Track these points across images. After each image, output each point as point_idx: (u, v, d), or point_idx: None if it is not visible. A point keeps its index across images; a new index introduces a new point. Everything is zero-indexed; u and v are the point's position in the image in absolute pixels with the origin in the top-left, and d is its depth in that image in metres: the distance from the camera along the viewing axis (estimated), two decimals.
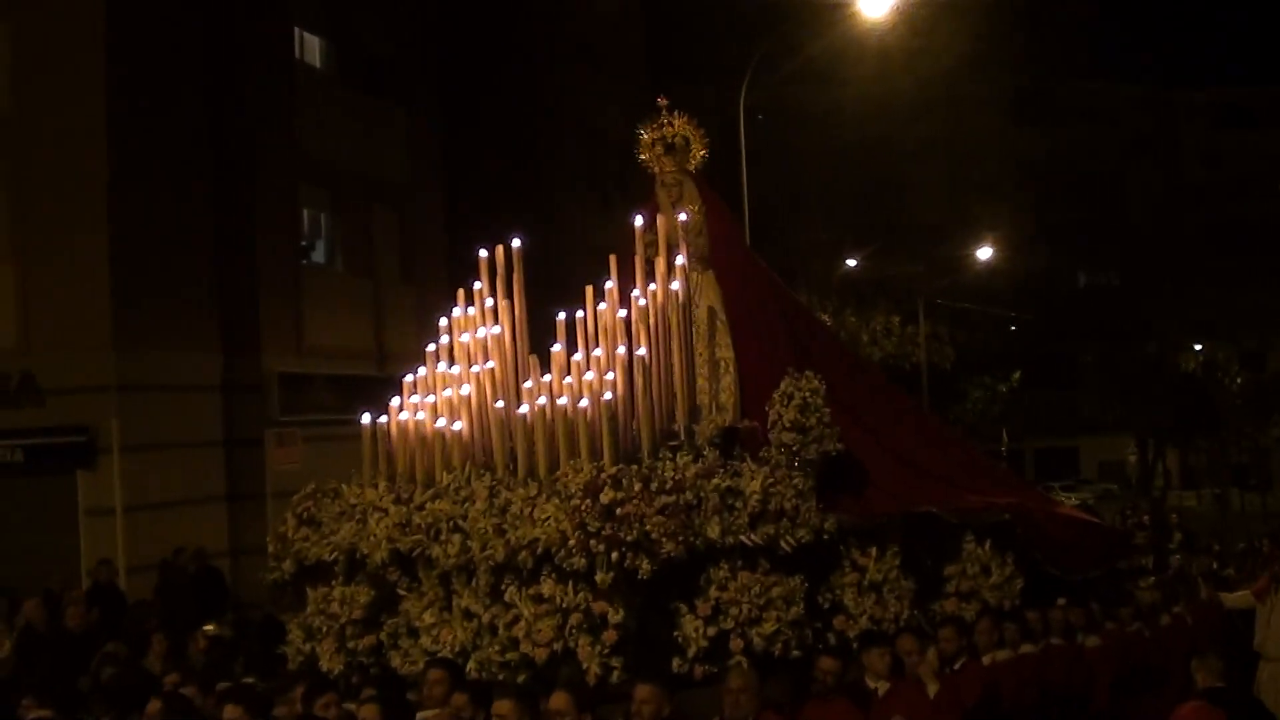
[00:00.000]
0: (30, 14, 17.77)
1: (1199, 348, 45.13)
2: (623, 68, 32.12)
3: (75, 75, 17.61)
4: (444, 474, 9.50)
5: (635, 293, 9.79)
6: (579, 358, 9.65)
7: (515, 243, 10.15)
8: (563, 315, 10.01)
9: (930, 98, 46.04)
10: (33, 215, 17.69)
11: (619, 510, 8.34)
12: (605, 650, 8.36)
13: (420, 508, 9.24)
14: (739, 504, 8.91)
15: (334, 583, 9.59)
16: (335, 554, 9.56)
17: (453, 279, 15.41)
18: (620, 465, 8.79)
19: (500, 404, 9.59)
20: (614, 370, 9.30)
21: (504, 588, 8.74)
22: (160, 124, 18.50)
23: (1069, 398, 49.62)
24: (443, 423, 9.72)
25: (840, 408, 9.88)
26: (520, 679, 8.45)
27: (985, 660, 9.20)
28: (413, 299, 23.27)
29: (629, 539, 8.27)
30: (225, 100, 19.67)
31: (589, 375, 9.36)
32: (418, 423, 9.79)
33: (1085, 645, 10.21)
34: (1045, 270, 52.12)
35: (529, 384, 9.54)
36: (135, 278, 17.76)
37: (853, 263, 38.18)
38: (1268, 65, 71.72)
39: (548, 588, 8.50)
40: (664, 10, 35.34)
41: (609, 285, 9.99)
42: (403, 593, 9.36)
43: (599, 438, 8.95)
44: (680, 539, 8.47)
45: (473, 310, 10.32)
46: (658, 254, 10.00)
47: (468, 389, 9.82)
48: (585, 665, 8.36)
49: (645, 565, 8.31)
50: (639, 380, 9.27)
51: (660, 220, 10.19)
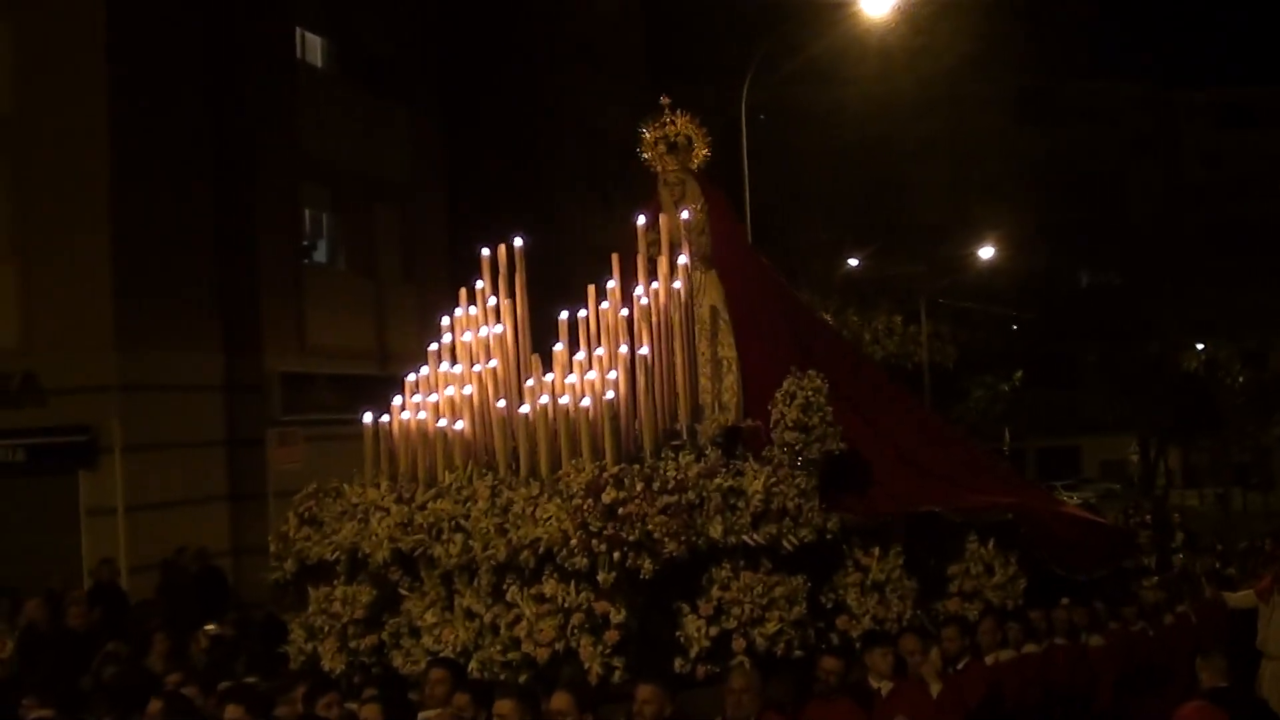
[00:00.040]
0: (31, 14, 17.77)
1: (1201, 347, 45.08)
2: (623, 68, 32.11)
3: (76, 75, 17.61)
4: (446, 473, 9.49)
5: (638, 291, 9.77)
6: (581, 357, 9.64)
7: (517, 242, 10.14)
8: (565, 314, 9.98)
9: (931, 97, 46.05)
10: (34, 215, 17.69)
11: (621, 510, 8.32)
12: (607, 650, 8.34)
13: (422, 507, 9.23)
14: (741, 503, 8.89)
15: (336, 582, 9.59)
16: (337, 553, 9.56)
17: (454, 278, 15.42)
18: (622, 465, 8.77)
19: (502, 403, 9.58)
20: (616, 369, 9.28)
21: (506, 587, 8.72)
22: (161, 124, 18.48)
23: (1071, 397, 49.63)
24: (444, 422, 9.71)
25: (843, 407, 9.86)
26: (522, 679, 8.43)
27: (988, 660, 9.18)
28: (414, 298, 23.26)
29: (631, 539, 8.26)
30: (226, 100, 19.66)
31: (591, 374, 9.35)
32: (419, 422, 9.78)
33: (1089, 645, 10.20)
34: (1047, 270, 52.08)
35: (531, 383, 9.52)
36: (137, 277, 17.75)
37: (854, 262, 38.18)
38: (1268, 65, 71.73)
39: (550, 587, 8.49)
40: (664, 10, 35.33)
41: (611, 284, 9.98)
42: (404, 592, 9.35)
43: (601, 437, 8.93)
44: (682, 539, 8.45)
45: (475, 309, 10.31)
46: (660, 253, 9.99)
47: (470, 388, 9.81)
48: (587, 665, 8.34)
49: (647, 565, 8.30)
50: (641, 379, 9.25)
51: (663, 219, 10.17)
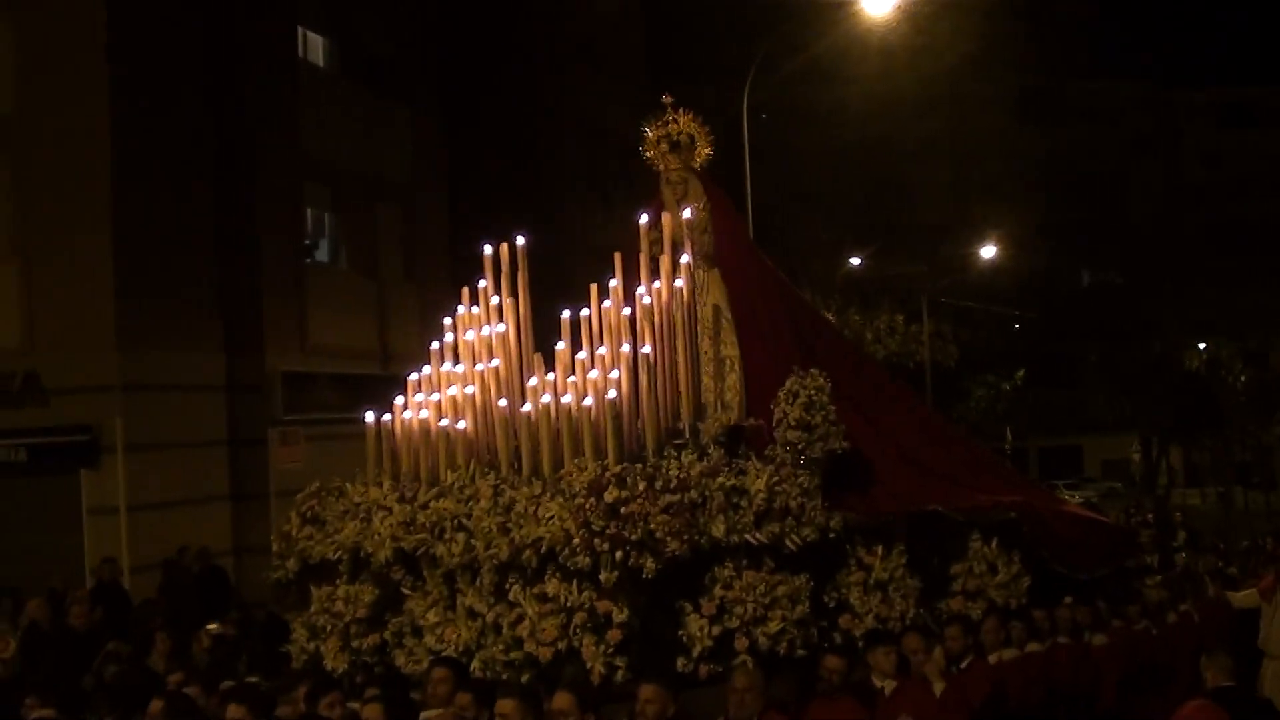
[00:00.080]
0: (31, 14, 17.75)
1: (1202, 346, 45.05)
2: (623, 67, 32.10)
3: (77, 75, 17.58)
4: (448, 472, 9.48)
5: (640, 290, 9.76)
6: (583, 356, 9.63)
7: (519, 240, 10.12)
8: (567, 313, 9.97)
9: (933, 97, 46.10)
10: (35, 215, 17.67)
11: (623, 509, 8.31)
12: (610, 649, 8.33)
13: (424, 506, 9.21)
14: (744, 502, 8.87)
15: (338, 581, 9.58)
16: (339, 553, 9.55)
17: (455, 277, 15.42)
18: (625, 464, 8.75)
19: (504, 402, 9.56)
20: (618, 368, 9.26)
21: (508, 587, 8.71)
22: (162, 123, 18.47)
23: (1072, 396, 49.62)
24: (447, 421, 9.70)
25: (845, 406, 9.85)
26: (524, 678, 8.41)
27: (991, 659, 9.17)
28: (415, 297, 23.24)
29: (633, 538, 8.25)
30: (227, 99, 19.64)
31: (593, 373, 9.33)
32: (422, 421, 9.77)
33: (1092, 644, 10.18)
34: (1048, 269, 52.09)
35: (533, 382, 9.50)
36: (138, 277, 17.74)
37: (856, 262, 38.18)
38: (1269, 65, 71.76)
39: (552, 587, 8.48)
40: (664, 10, 35.32)
41: (613, 283, 9.96)
42: (407, 591, 9.33)
43: (603, 436, 8.92)
44: (685, 538, 8.44)
45: (477, 308, 10.30)
46: (662, 251, 9.98)
47: (472, 387, 9.80)
48: (589, 664, 8.33)
49: (650, 564, 8.29)
50: (643, 378, 9.24)
51: (665, 218, 10.16)
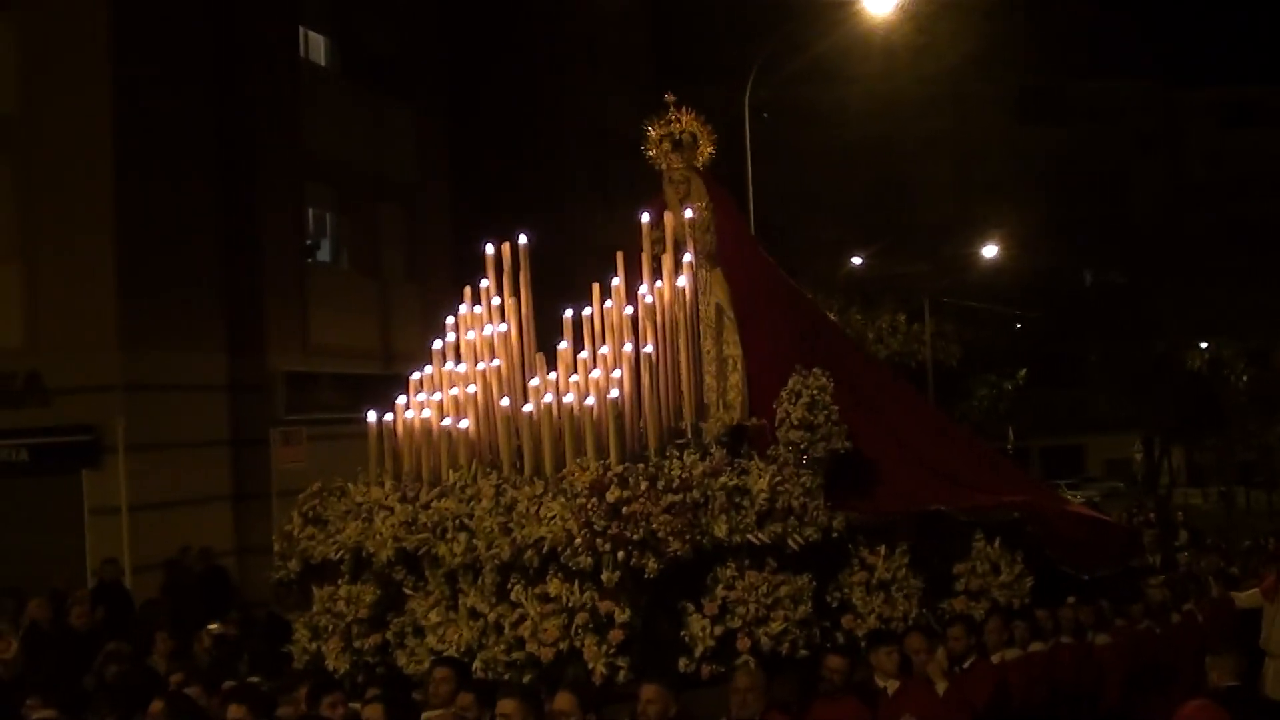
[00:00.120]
0: (34, 12, 17.75)
1: (1205, 346, 44.98)
2: (626, 67, 32.12)
3: (79, 74, 17.59)
4: (450, 472, 9.47)
5: (642, 290, 9.74)
6: (585, 355, 9.62)
7: (522, 239, 10.11)
8: (569, 313, 9.96)
9: (934, 96, 46.09)
10: (37, 215, 17.67)
11: (625, 509, 8.29)
12: (611, 650, 8.33)
13: (426, 506, 9.21)
14: (746, 502, 8.85)
15: (340, 581, 9.58)
16: (341, 553, 9.55)
17: (457, 277, 15.41)
18: (626, 464, 8.74)
19: (506, 402, 9.55)
20: (620, 368, 9.25)
21: (510, 587, 8.70)
22: (165, 123, 18.46)
23: (1075, 396, 49.54)
24: (449, 421, 9.69)
25: (848, 405, 9.83)
26: (526, 678, 8.41)
27: (994, 659, 9.15)
28: (417, 297, 23.23)
29: (635, 538, 8.23)
30: (230, 99, 19.64)
31: (595, 373, 9.32)
32: (424, 421, 9.77)
33: (1095, 643, 10.16)
34: (1050, 268, 52.04)
35: (535, 382, 9.49)
36: (140, 277, 17.74)
37: (858, 261, 38.17)
38: (1271, 64, 71.34)
39: (554, 587, 8.47)
40: (667, 9, 35.34)
41: (616, 282, 9.95)
42: (409, 591, 9.33)
43: (605, 436, 8.91)
44: (687, 538, 8.43)
45: (479, 308, 10.29)
46: (665, 251, 9.96)
47: (474, 387, 9.79)
48: (591, 665, 8.32)
49: (652, 564, 8.28)
50: (646, 378, 9.23)
51: (667, 217, 10.15)
